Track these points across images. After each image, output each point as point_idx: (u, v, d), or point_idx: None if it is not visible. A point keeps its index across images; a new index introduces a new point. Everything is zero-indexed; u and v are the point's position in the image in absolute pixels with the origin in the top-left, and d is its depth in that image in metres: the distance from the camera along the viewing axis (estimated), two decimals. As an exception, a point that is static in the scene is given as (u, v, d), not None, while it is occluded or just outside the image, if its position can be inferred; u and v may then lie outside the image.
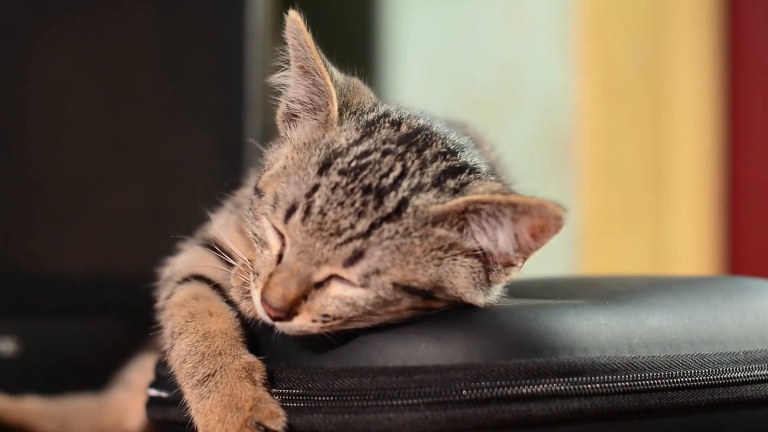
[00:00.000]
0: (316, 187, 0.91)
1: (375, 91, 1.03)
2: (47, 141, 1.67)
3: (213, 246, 1.06)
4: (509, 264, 0.93)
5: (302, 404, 0.92)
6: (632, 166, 2.43)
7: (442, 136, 0.97)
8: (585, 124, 2.35)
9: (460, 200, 0.90)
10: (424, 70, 2.44)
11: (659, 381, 0.93)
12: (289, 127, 1.00)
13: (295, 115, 0.99)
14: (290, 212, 0.91)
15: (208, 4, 1.71)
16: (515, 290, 1.08)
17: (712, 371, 0.96)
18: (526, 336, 0.91)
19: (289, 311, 0.90)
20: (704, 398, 0.95)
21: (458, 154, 0.96)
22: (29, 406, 1.41)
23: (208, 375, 0.94)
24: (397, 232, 0.90)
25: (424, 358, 0.90)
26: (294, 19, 0.96)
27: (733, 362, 0.98)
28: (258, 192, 0.96)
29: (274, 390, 0.94)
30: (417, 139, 0.95)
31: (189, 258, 1.08)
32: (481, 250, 0.92)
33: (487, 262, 0.93)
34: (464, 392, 0.88)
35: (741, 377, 0.98)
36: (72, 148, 1.67)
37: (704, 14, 2.50)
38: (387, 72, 2.40)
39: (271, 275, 0.91)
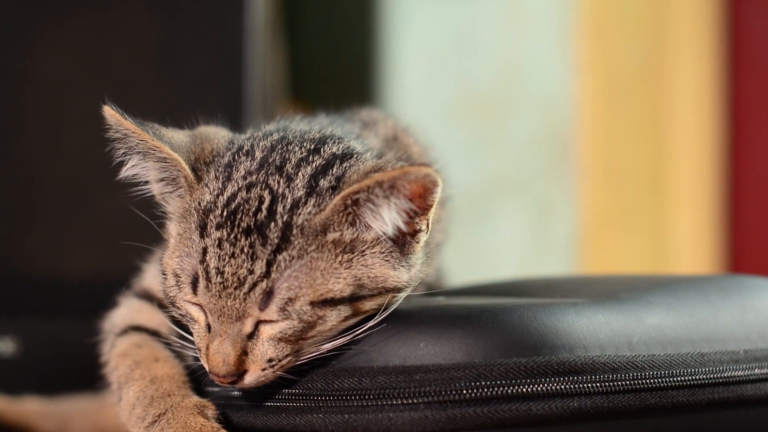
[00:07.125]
0: (204, 251, 0.90)
1: (375, 92, 1.03)
2: (47, 141, 1.67)
3: (148, 297, 1.06)
4: (415, 232, 0.92)
5: (302, 404, 0.92)
6: (632, 166, 2.43)
7: (299, 140, 0.96)
8: (585, 124, 2.35)
9: (335, 200, 0.90)
10: (424, 70, 2.44)
11: (659, 380, 0.93)
12: (168, 204, 0.99)
13: (165, 193, 0.99)
14: (195, 284, 0.91)
15: (208, 4, 1.71)
16: (516, 289, 1.08)
17: (713, 370, 0.96)
18: (526, 335, 0.91)
19: (237, 372, 0.90)
20: (704, 397, 0.95)
21: (321, 150, 0.95)
22: (29, 406, 1.41)
23: (160, 414, 0.94)
24: (293, 258, 0.89)
25: (424, 358, 0.90)
26: (109, 113, 0.96)
27: (734, 361, 0.98)
28: (163, 274, 0.96)
29: (274, 389, 0.94)
30: (273, 159, 0.94)
31: (125, 311, 1.08)
32: (382, 234, 0.91)
33: (394, 241, 0.92)
34: (464, 391, 0.88)
35: (741, 376, 0.97)
36: (72, 148, 1.67)
37: (704, 14, 2.50)
38: (387, 72, 2.40)
39: (208, 346, 0.91)
